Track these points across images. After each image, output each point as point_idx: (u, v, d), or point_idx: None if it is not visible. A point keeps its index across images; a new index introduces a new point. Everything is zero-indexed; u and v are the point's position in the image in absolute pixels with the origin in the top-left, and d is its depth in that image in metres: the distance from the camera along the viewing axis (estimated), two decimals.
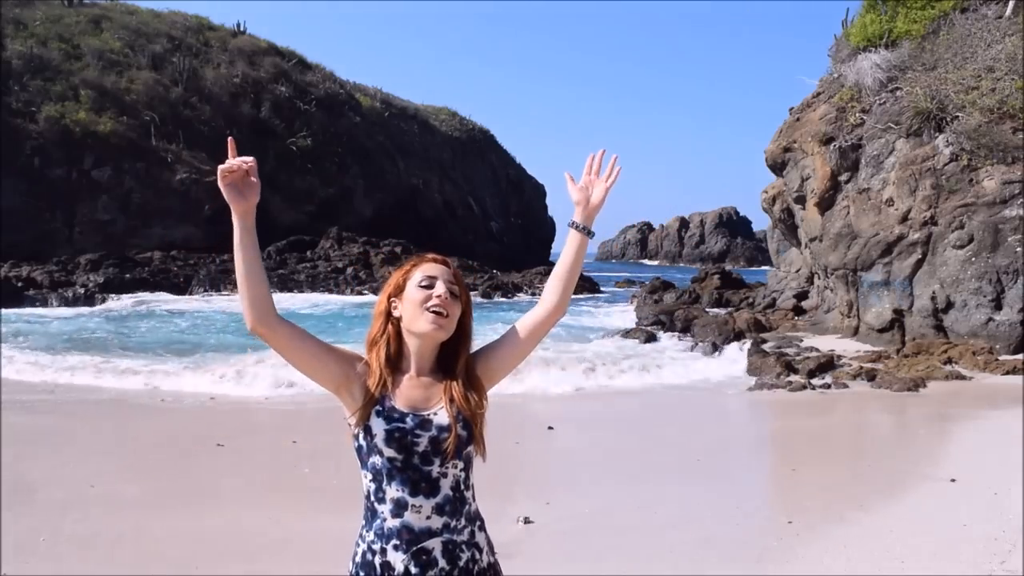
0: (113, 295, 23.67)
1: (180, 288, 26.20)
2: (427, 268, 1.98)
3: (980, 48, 15.79)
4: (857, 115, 16.48)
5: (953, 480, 6.12)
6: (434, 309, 1.91)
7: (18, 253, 26.03)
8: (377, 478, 1.86)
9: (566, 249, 2.04)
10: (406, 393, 1.90)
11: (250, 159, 1.81)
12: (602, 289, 35.45)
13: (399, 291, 1.98)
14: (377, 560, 1.83)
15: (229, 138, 1.89)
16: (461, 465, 1.88)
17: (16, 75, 30.14)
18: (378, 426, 1.84)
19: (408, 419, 1.85)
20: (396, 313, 1.97)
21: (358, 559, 1.87)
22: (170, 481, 6.23)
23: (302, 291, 26.87)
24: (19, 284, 23.22)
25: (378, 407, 1.86)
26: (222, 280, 26.55)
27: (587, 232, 2.02)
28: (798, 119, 18.30)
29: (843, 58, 17.85)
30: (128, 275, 25.83)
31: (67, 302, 22.80)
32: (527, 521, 5.04)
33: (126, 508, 5.48)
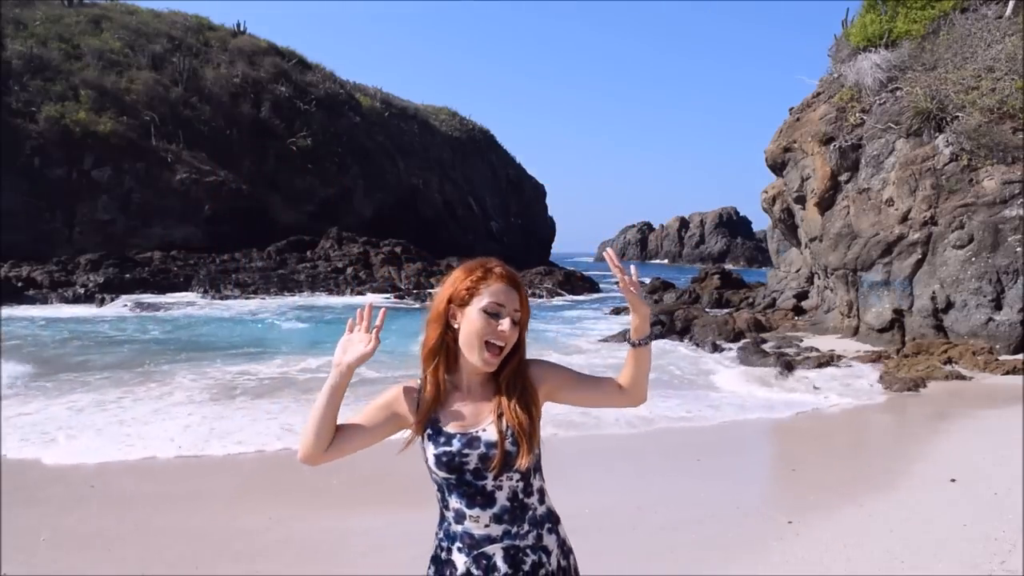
0: (112, 295, 23.67)
1: (179, 288, 26.18)
2: (497, 291, 1.88)
3: (980, 48, 15.78)
4: (857, 115, 16.47)
5: (953, 480, 6.12)
6: (495, 342, 1.87)
7: (18, 253, 26.04)
8: (440, 490, 1.92)
9: (629, 360, 2.00)
10: (455, 411, 1.90)
11: (371, 346, 1.88)
12: (602, 289, 35.47)
13: (462, 303, 1.90)
14: (443, 556, 1.90)
15: (383, 310, 1.96)
16: (517, 476, 1.86)
17: (16, 75, 30.14)
18: (429, 450, 1.88)
19: (455, 441, 1.85)
20: (455, 324, 1.91)
21: (432, 553, 1.95)
22: (172, 480, 6.23)
23: (302, 291, 26.85)
24: (19, 284, 23.24)
25: (429, 430, 1.89)
26: (221, 280, 26.54)
27: (642, 343, 1.98)
28: (798, 119, 18.30)
29: (843, 58, 17.84)
30: (128, 275, 25.84)
31: (67, 302, 22.80)
32: None
33: (126, 507, 5.49)
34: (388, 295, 26.47)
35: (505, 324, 1.86)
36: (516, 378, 1.92)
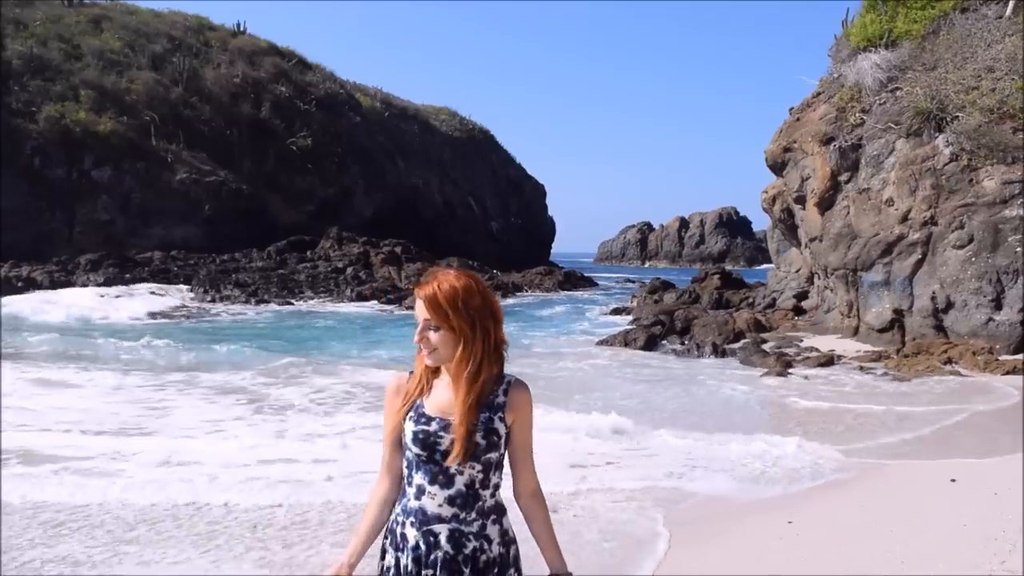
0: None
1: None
2: (416, 304, 2.10)
3: (980, 48, 15.77)
4: (857, 115, 16.47)
5: (953, 480, 6.12)
6: (421, 347, 2.11)
7: (18, 253, 26.02)
8: (409, 466, 2.12)
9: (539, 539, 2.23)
10: (437, 396, 2.12)
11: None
12: (600, 288, 35.50)
13: None
14: (399, 530, 2.10)
15: None
16: (479, 468, 2.06)
17: (16, 75, 30.10)
18: (408, 427, 2.09)
19: (434, 423, 2.07)
20: None
21: (390, 524, 2.15)
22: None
23: (302, 291, 26.80)
24: (19, 284, 23.23)
25: (412, 413, 2.11)
26: (221, 280, 26.53)
27: None
28: (798, 119, 18.30)
29: (843, 58, 17.84)
30: (128, 275, 25.82)
31: None
32: None
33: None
34: (386, 300, 26.26)
35: (417, 333, 2.09)
36: (480, 386, 2.06)
